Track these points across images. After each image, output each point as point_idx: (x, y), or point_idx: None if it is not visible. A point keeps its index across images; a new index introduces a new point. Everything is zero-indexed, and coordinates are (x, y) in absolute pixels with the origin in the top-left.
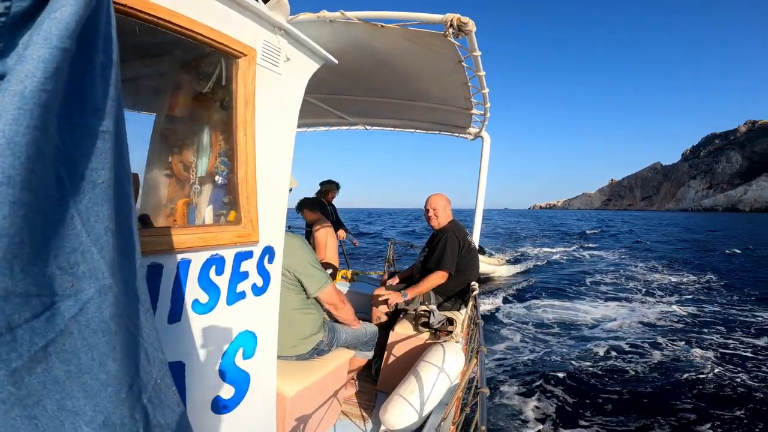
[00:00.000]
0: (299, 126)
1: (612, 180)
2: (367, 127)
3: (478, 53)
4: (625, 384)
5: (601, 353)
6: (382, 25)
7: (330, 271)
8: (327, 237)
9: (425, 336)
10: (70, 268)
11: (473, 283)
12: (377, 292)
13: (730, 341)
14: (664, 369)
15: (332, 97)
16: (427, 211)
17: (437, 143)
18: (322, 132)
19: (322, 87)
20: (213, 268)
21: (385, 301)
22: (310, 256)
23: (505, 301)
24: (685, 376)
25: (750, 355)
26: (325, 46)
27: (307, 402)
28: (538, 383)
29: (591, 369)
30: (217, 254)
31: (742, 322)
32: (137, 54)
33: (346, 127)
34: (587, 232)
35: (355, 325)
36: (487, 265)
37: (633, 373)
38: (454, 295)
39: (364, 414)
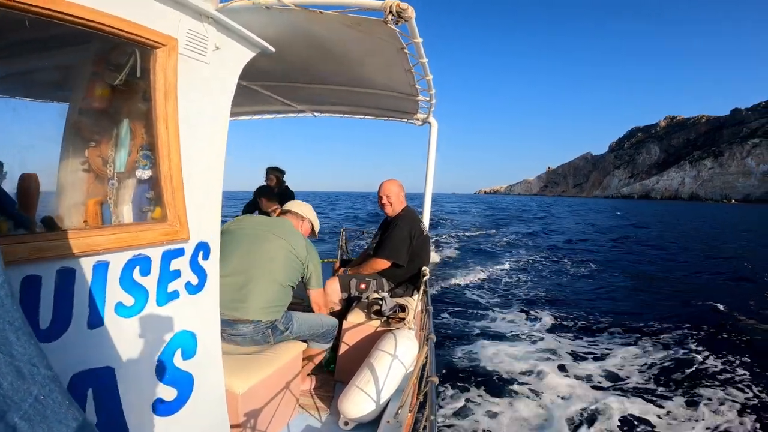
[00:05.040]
0: (244, 114)
1: (549, 168)
2: (316, 114)
3: (419, 40)
4: None
5: None
6: (321, 12)
7: None
8: None
9: (378, 324)
10: None
11: (424, 268)
12: (330, 281)
13: None
14: None
15: (277, 85)
16: (381, 198)
17: (386, 127)
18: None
19: (266, 75)
20: (137, 269)
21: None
22: (318, 258)
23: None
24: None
25: None
26: (263, 33)
27: (260, 397)
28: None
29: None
30: (140, 254)
31: None
32: (39, 44)
33: (294, 115)
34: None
35: (323, 311)
36: None
37: None
38: (406, 281)
39: (323, 405)
